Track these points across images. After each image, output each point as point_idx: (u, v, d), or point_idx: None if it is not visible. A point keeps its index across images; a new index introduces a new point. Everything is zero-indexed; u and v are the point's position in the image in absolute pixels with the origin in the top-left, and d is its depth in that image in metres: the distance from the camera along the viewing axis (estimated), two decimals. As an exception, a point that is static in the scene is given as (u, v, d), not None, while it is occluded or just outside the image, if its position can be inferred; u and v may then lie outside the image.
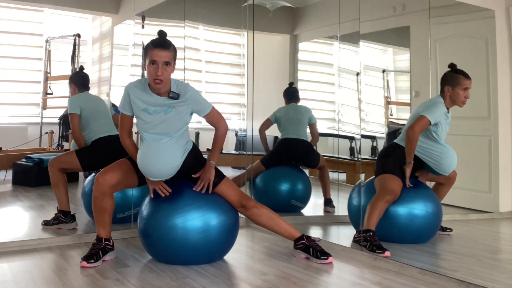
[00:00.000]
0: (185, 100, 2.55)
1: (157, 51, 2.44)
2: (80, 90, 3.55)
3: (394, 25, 4.23)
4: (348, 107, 4.20)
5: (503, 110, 4.12)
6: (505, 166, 4.08)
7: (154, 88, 2.53)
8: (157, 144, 2.54)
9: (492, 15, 4.12)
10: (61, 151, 5.85)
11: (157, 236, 2.57)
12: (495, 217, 3.99)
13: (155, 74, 2.43)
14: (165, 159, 2.54)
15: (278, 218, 2.79)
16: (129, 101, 2.57)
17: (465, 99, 3.09)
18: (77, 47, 5.96)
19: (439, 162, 3.11)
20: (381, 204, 2.93)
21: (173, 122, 2.56)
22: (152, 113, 2.53)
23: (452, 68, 3.14)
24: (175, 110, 2.55)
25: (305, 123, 4.32)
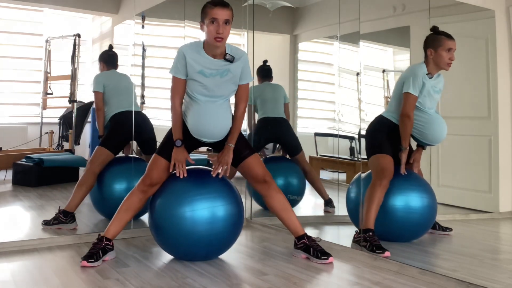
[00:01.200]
0: (239, 62, 2.60)
1: (218, 9, 2.48)
2: (108, 67, 3.74)
3: (394, 25, 4.23)
4: (348, 107, 4.20)
5: (503, 110, 4.12)
6: (505, 166, 4.07)
7: (209, 49, 2.55)
8: (213, 105, 2.58)
9: (492, 15, 4.12)
10: (61, 151, 5.86)
11: (166, 226, 2.58)
12: (495, 217, 3.99)
13: (216, 32, 2.46)
14: (221, 120, 2.60)
15: (291, 210, 2.80)
16: (184, 63, 2.56)
17: (450, 61, 2.97)
18: (77, 47, 5.96)
19: (423, 132, 3.03)
20: (378, 193, 2.91)
21: (228, 85, 2.61)
22: (208, 75, 2.56)
23: (434, 30, 3.04)
24: (230, 73, 2.59)
25: (281, 102, 4.24)
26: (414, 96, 2.97)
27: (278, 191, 2.78)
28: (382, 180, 2.94)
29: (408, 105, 2.97)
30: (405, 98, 2.99)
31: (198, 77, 2.56)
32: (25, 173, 4.98)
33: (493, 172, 4.04)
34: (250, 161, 2.74)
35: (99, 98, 3.56)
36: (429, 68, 3.02)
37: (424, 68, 3.02)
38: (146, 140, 3.67)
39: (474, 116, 4.16)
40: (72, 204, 3.31)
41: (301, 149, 4.15)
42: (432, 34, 3.04)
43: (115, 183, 3.44)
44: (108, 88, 3.57)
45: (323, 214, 4.09)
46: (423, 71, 3.00)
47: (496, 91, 4.08)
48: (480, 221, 3.90)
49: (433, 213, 3.10)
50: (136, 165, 3.44)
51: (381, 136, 3.09)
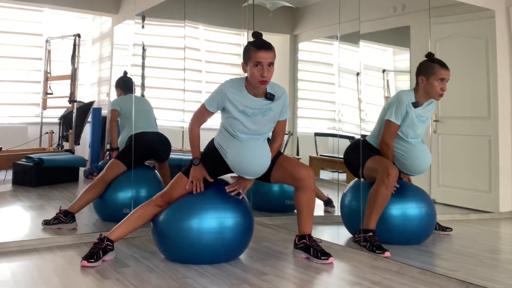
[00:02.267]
0: (279, 100, 2.63)
1: (262, 53, 2.50)
2: (125, 92, 3.96)
3: (394, 25, 4.23)
4: (348, 107, 4.20)
5: (503, 110, 4.12)
6: (505, 166, 4.07)
7: (251, 89, 2.58)
8: (255, 143, 2.61)
9: (492, 15, 4.12)
10: (61, 151, 5.86)
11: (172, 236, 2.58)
12: (495, 217, 3.99)
13: (261, 76, 2.48)
14: (264, 157, 2.63)
15: (312, 211, 2.76)
16: (219, 101, 2.59)
17: (442, 91, 2.84)
18: (77, 47, 5.96)
19: (402, 162, 2.96)
20: (383, 191, 2.82)
21: (269, 123, 2.65)
22: (250, 115, 2.59)
23: (428, 57, 2.91)
24: (272, 112, 2.62)
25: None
26: (395, 124, 2.88)
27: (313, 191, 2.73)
28: (388, 177, 2.82)
29: (388, 133, 2.91)
30: (386, 125, 2.91)
31: (240, 117, 2.58)
32: (25, 173, 4.98)
33: (493, 172, 4.04)
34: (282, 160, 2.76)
35: (115, 114, 3.78)
36: (417, 96, 2.90)
37: (411, 95, 2.91)
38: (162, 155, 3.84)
39: (474, 116, 4.16)
40: (76, 206, 3.34)
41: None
42: (426, 61, 2.91)
43: (116, 188, 3.46)
44: (125, 110, 3.75)
45: (323, 214, 4.09)
46: (409, 99, 2.88)
47: (496, 91, 4.08)
48: (480, 221, 3.90)
49: (432, 220, 3.09)
50: (136, 170, 3.47)
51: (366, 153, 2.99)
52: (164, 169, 3.81)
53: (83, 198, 3.38)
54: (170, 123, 4.33)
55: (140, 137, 3.61)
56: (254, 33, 2.63)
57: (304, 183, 2.69)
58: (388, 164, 2.92)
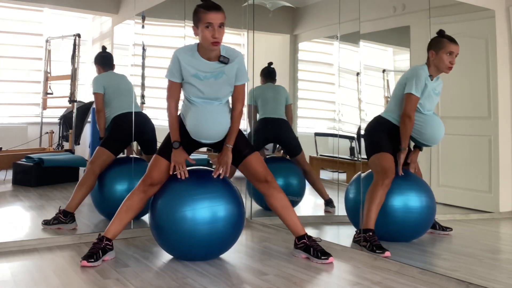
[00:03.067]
0: (234, 64, 2.59)
1: (212, 13, 2.48)
2: (104, 69, 3.69)
3: (394, 25, 4.23)
4: (348, 107, 4.20)
5: (503, 110, 4.12)
6: (505, 166, 4.07)
7: (204, 52, 2.56)
8: (210, 107, 2.59)
9: (492, 15, 4.12)
10: (61, 151, 5.86)
11: (167, 226, 2.59)
12: (495, 217, 3.99)
13: (212, 37, 2.46)
14: (218, 121, 2.60)
15: (292, 209, 2.80)
16: (178, 67, 2.58)
17: (451, 64, 2.96)
18: (77, 47, 5.96)
19: (421, 132, 3.03)
20: (379, 192, 2.90)
21: (223, 87, 2.61)
22: (203, 78, 2.57)
23: (439, 33, 3.03)
24: (225, 75, 2.59)
25: (283, 103, 4.24)
26: (416, 97, 2.97)
27: (279, 191, 2.78)
28: (384, 180, 2.93)
29: (410, 105, 2.97)
30: (407, 99, 2.99)
31: (193, 80, 2.57)
32: (25, 173, 4.98)
33: (493, 172, 4.04)
34: (251, 160, 2.74)
35: (100, 99, 3.53)
36: (430, 70, 3.02)
37: (426, 70, 3.02)
38: (147, 140, 3.67)
39: (474, 116, 4.16)
40: (72, 204, 3.31)
41: (301, 150, 4.15)
42: (436, 37, 3.03)
43: (116, 183, 3.44)
44: (109, 89, 3.55)
45: (323, 214, 4.09)
46: (426, 73, 3.00)
47: (496, 91, 4.08)
48: (480, 221, 3.90)
49: (432, 212, 3.10)
50: (136, 165, 3.44)
51: (380, 135, 3.09)
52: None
53: (77, 195, 3.32)
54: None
55: (124, 118, 3.50)
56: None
57: (266, 185, 2.73)
58: (387, 167, 2.97)
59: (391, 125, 3.09)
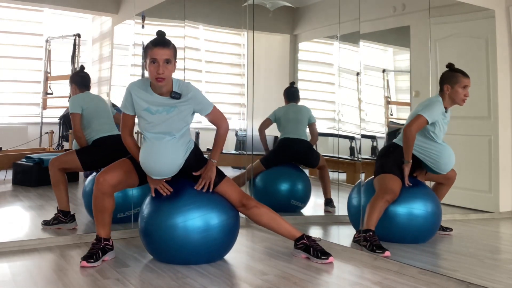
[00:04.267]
0: (187, 99, 2.56)
1: (157, 49, 2.46)
2: (81, 90, 3.56)
3: (394, 25, 4.23)
4: (348, 107, 4.20)
5: (503, 110, 4.12)
6: (505, 166, 4.07)
7: (156, 88, 2.54)
8: (159, 142, 2.55)
9: (492, 15, 4.12)
10: (61, 151, 5.85)
11: (158, 236, 2.57)
12: (495, 217, 3.99)
13: (156, 73, 2.45)
14: (168, 157, 2.55)
15: (279, 218, 2.79)
16: (131, 101, 2.57)
17: (465, 97, 3.11)
18: (77, 47, 5.96)
19: (437, 161, 3.12)
20: (380, 204, 2.93)
21: (175, 122, 2.57)
22: (155, 112, 2.55)
23: (450, 67, 3.15)
24: (177, 109, 2.56)
25: (305, 123, 4.31)
26: (426, 120, 3.03)
27: (259, 207, 2.75)
28: (387, 196, 2.97)
29: (416, 124, 3.04)
30: (416, 118, 3.05)
31: (144, 114, 2.56)
32: (25, 173, 4.97)
33: (493, 172, 4.04)
34: (222, 188, 2.70)
35: (77, 120, 3.40)
36: (444, 103, 3.11)
37: (442, 103, 3.11)
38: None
39: (474, 116, 4.15)
40: (62, 203, 3.30)
41: (319, 160, 4.22)
42: (448, 71, 3.14)
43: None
44: (87, 110, 3.44)
45: (323, 214, 4.09)
46: (442, 108, 3.10)
47: (496, 91, 4.08)
48: (480, 221, 3.90)
49: (438, 219, 3.11)
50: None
51: (392, 160, 3.14)
52: None
53: (60, 195, 3.30)
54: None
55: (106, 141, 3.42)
56: (157, 32, 2.58)
57: (243, 208, 2.72)
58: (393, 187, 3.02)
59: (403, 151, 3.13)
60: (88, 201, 3.47)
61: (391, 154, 3.17)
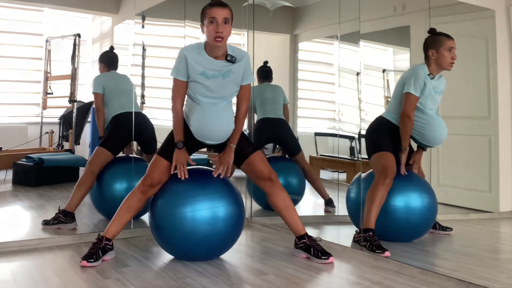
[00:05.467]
0: (241, 63, 2.59)
1: (216, 9, 2.48)
2: (108, 68, 3.75)
3: (394, 25, 4.23)
4: (348, 107, 4.20)
5: (503, 110, 4.12)
6: (505, 166, 4.07)
7: (210, 51, 2.55)
8: (215, 107, 2.57)
9: (492, 15, 4.12)
10: (61, 151, 5.86)
11: (167, 227, 2.58)
12: (495, 217, 3.99)
13: (215, 32, 2.46)
14: (224, 121, 2.59)
15: (294, 209, 2.79)
16: (185, 65, 2.55)
17: (452, 60, 2.97)
18: (77, 47, 5.96)
19: (422, 133, 3.03)
20: (380, 192, 2.89)
21: (230, 86, 2.60)
22: (210, 77, 2.55)
23: (432, 32, 3.04)
24: (232, 74, 2.57)
25: (281, 103, 4.23)
26: (415, 96, 2.97)
27: (282, 190, 2.76)
28: (385, 179, 2.93)
29: (409, 105, 2.97)
30: (406, 98, 2.99)
31: (200, 79, 2.55)
32: (25, 173, 4.98)
33: (493, 172, 4.04)
34: (254, 158, 2.73)
35: (99, 99, 3.56)
36: (430, 69, 3.02)
37: (425, 68, 3.02)
38: (146, 140, 3.67)
39: (474, 116, 4.16)
40: (72, 204, 3.31)
41: (300, 150, 4.15)
42: (431, 36, 3.04)
43: (116, 183, 3.44)
44: (108, 89, 3.57)
45: (324, 214, 4.09)
46: (425, 71, 3.00)
47: (496, 91, 4.08)
48: (480, 221, 3.90)
49: (434, 213, 3.10)
50: (136, 165, 3.44)
51: (380, 135, 3.09)
52: None
53: (76, 195, 3.33)
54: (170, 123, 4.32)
55: (123, 117, 3.51)
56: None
57: (270, 184, 2.72)
58: (388, 165, 2.97)
59: (392, 126, 3.09)
60: (95, 196, 3.48)
61: (380, 129, 3.09)
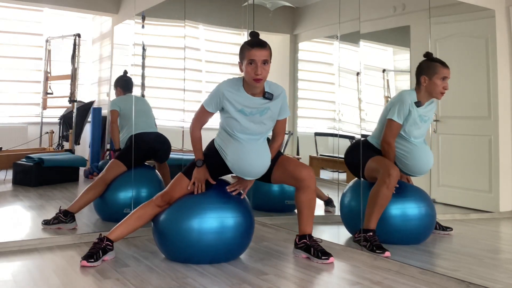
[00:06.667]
0: (278, 100, 2.62)
1: (255, 50, 2.49)
2: (124, 92, 3.96)
3: (394, 25, 4.23)
4: (348, 107, 4.20)
5: (503, 110, 4.12)
6: (505, 166, 4.07)
7: (248, 88, 2.57)
8: (254, 143, 2.60)
9: (492, 15, 4.12)
10: (61, 151, 5.85)
11: (172, 235, 2.58)
12: (495, 217, 3.99)
13: (255, 74, 2.47)
14: (262, 158, 2.62)
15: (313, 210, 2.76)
16: (219, 101, 2.59)
17: (444, 90, 2.88)
18: (77, 47, 5.96)
19: (404, 162, 2.95)
20: (384, 192, 2.82)
21: (268, 122, 2.63)
22: (248, 114, 2.58)
23: (427, 57, 2.94)
24: (270, 111, 2.60)
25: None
26: (397, 123, 2.89)
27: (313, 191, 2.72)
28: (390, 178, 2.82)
29: (389, 132, 2.91)
30: (388, 125, 2.93)
31: (238, 116, 2.57)
32: (25, 173, 4.98)
33: (493, 172, 4.04)
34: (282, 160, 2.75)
35: (115, 115, 3.77)
36: (419, 96, 2.92)
37: (413, 95, 2.93)
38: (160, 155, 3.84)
39: (474, 116, 4.16)
40: (76, 206, 3.35)
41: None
42: (426, 61, 2.94)
43: (117, 187, 3.47)
44: (125, 110, 3.76)
45: (324, 214, 4.09)
46: (412, 98, 2.91)
47: (496, 91, 4.08)
48: (480, 221, 3.90)
49: (432, 221, 3.08)
50: (136, 170, 3.47)
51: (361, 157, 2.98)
52: (164, 169, 3.81)
53: (83, 198, 3.39)
54: (170, 123, 4.33)
55: (140, 138, 3.62)
56: (251, 33, 2.63)
57: (305, 184, 2.69)
58: (389, 164, 2.92)
59: (377, 150, 3.04)
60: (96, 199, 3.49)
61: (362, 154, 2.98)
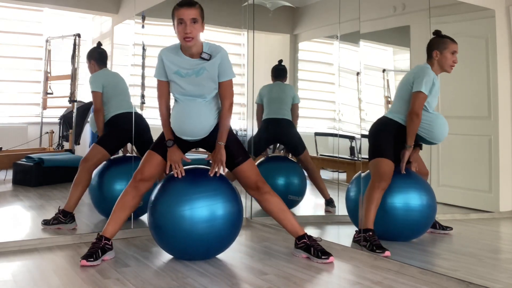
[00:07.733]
0: (215, 59, 2.59)
1: (183, 10, 2.51)
2: (100, 66, 3.64)
3: (394, 25, 4.23)
4: (348, 107, 4.20)
5: (503, 110, 4.12)
6: (505, 166, 4.07)
7: (185, 50, 2.57)
8: (192, 103, 2.60)
9: (492, 15, 4.12)
10: (61, 151, 5.86)
11: (166, 226, 2.59)
12: (495, 217, 3.99)
13: (184, 33, 2.49)
14: (200, 117, 2.59)
15: (288, 212, 2.80)
16: (162, 66, 2.61)
17: (454, 63, 3.05)
18: (77, 47, 5.96)
19: (431, 131, 3.05)
20: (376, 195, 2.92)
21: (206, 83, 2.61)
22: (184, 75, 2.59)
23: (437, 34, 3.11)
24: (206, 72, 2.59)
25: (288, 102, 4.22)
26: (425, 95, 2.98)
27: (272, 194, 2.77)
28: (381, 183, 2.95)
29: (418, 103, 2.98)
30: (415, 97, 2.99)
31: (175, 78, 2.60)
32: (25, 173, 4.98)
33: (493, 171, 4.04)
34: (243, 168, 2.73)
35: (99, 98, 3.47)
36: (433, 69, 3.05)
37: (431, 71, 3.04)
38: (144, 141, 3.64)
39: (474, 116, 4.16)
40: (71, 204, 3.31)
41: (305, 148, 4.15)
42: (436, 37, 3.09)
43: (115, 182, 3.44)
44: (107, 88, 3.51)
45: (324, 214, 4.09)
46: (433, 75, 3.03)
47: (496, 91, 4.08)
48: (480, 221, 3.90)
49: (433, 211, 3.10)
50: (136, 164, 3.44)
51: (385, 138, 3.07)
52: None
53: (74, 194, 3.32)
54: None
55: (122, 118, 3.47)
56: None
57: (257, 192, 2.74)
58: (384, 173, 2.98)
59: (398, 126, 3.08)
60: (95, 196, 3.49)
61: (383, 131, 3.10)
